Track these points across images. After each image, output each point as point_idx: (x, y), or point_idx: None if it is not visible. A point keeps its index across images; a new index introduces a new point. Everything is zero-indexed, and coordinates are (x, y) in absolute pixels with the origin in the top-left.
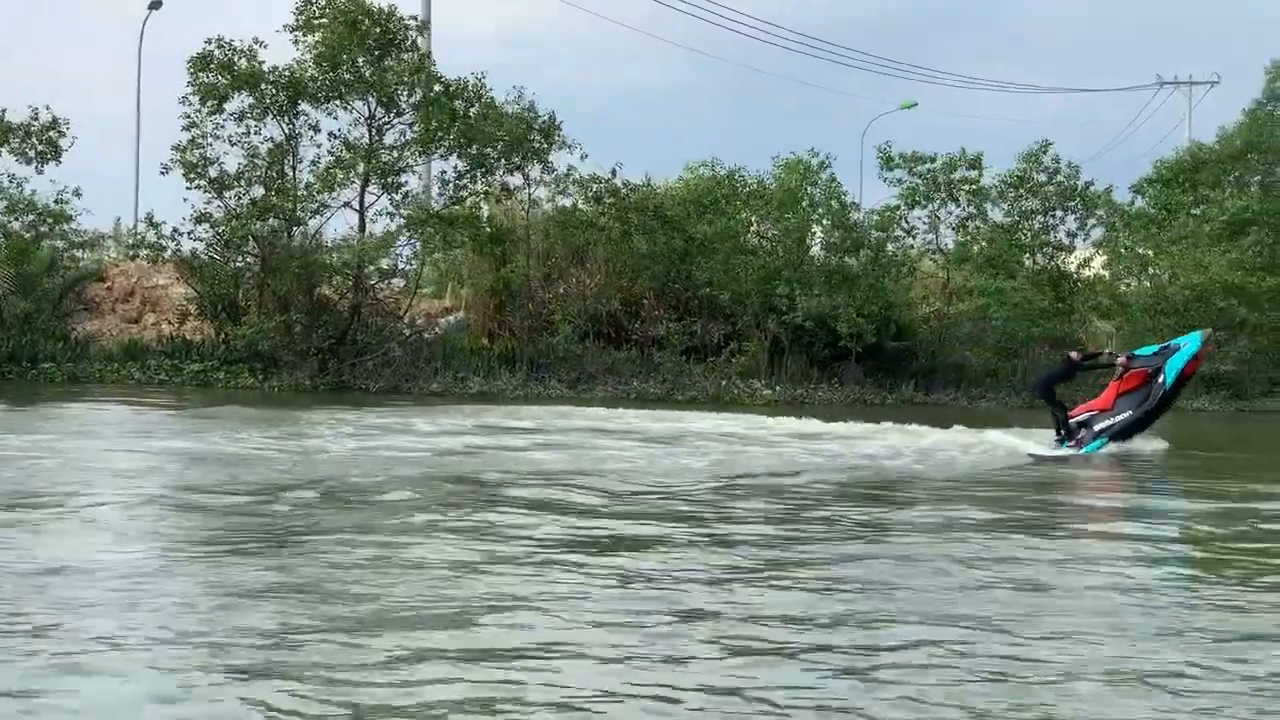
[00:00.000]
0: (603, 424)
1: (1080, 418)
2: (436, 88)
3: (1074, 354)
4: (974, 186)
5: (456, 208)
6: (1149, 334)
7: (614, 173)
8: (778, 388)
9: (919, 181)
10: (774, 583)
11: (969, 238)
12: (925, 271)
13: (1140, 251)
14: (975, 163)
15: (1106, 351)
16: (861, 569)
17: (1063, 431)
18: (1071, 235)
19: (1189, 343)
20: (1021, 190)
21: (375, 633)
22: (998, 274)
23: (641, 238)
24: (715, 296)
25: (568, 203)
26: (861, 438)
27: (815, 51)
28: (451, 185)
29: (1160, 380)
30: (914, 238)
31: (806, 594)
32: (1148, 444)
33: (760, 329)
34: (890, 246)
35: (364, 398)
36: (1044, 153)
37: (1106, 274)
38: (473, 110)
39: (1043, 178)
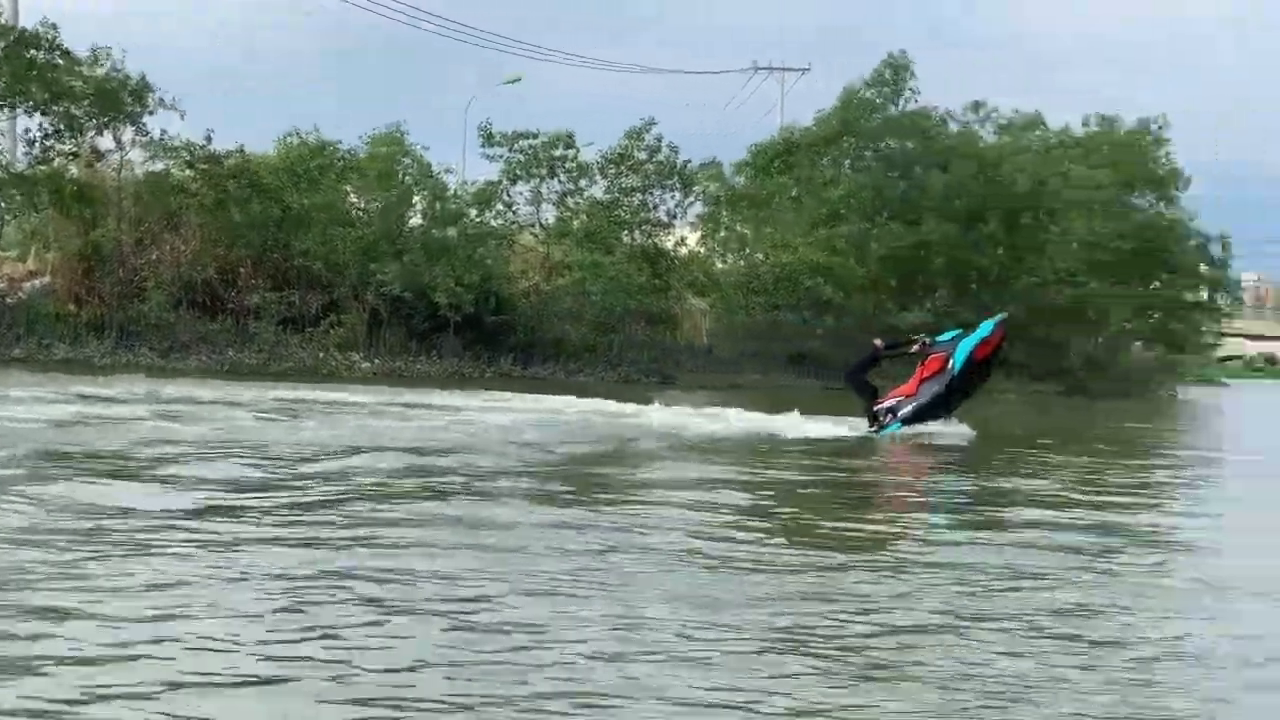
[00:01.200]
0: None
1: (887, 404)
2: (11, 38)
3: (878, 341)
4: (573, 163)
5: (42, 168)
6: (740, 311)
7: (208, 139)
8: (376, 360)
9: (520, 157)
10: None
11: (569, 213)
12: (526, 246)
13: (739, 230)
14: (569, 141)
15: (915, 337)
16: None
17: (870, 417)
18: (670, 214)
19: (983, 327)
20: (622, 167)
21: None
22: (596, 249)
23: (236, 206)
24: (312, 267)
25: (160, 167)
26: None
27: (430, 26)
28: (37, 145)
29: (950, 365)
30: (515, 212)
31: None
32: (948, 428)
33: (359, 301)
34: (491, 219)
35: None
36: (647, 131)
37: (702, 251)
38: (55, 62)
39: (644, 155)
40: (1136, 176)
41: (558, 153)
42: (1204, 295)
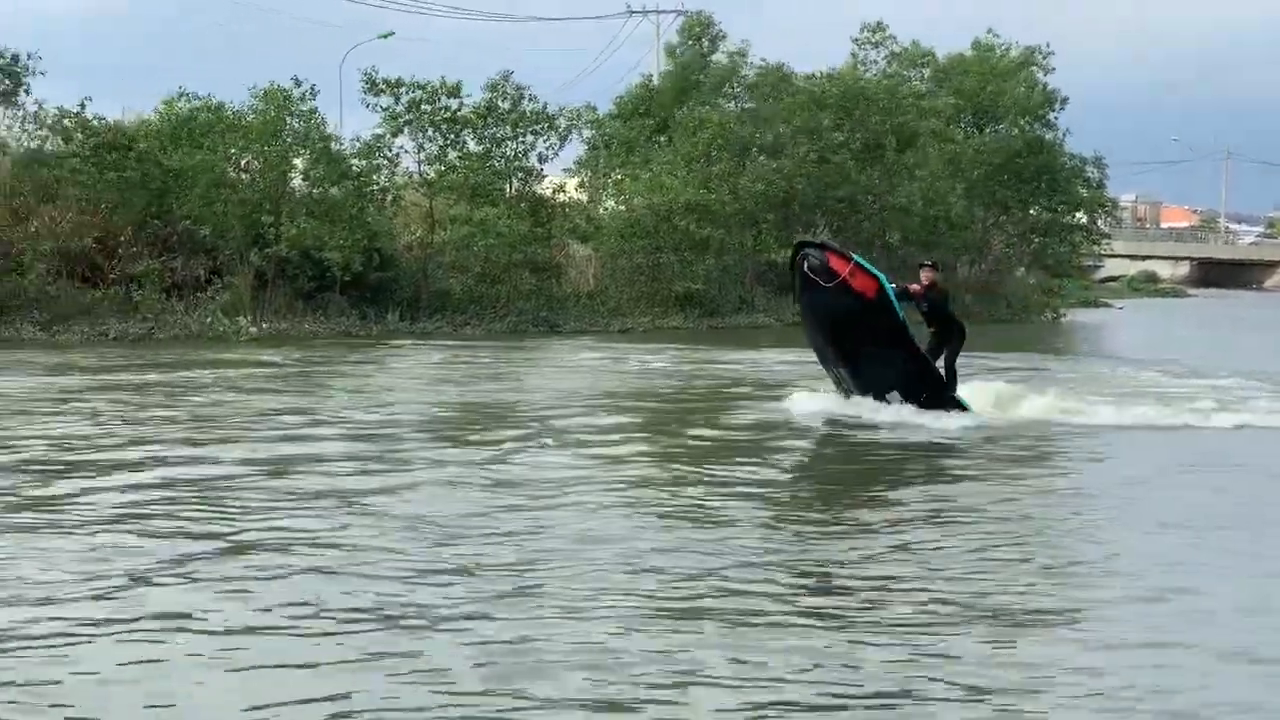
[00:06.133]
0: None
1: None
2: None
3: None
4: (450, 114)
5: None
6: (623, 255)
7: (83, 106)
8: (263, 323)
9: (403, 108)
10: None
11: (448, 167)
12: (410, 201)
13: (615, 177)
14: (454, 90)
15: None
16: None
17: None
18: (542, 159)
19: None
20: (490, 119)
21: None
22: (481, 203)
23: (115, 173)
24: (196, 231)
25: (36, 144)
26: None
27: None
28: None
29: None
30: (396, 166)
31: None
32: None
33: (244, 263)
34: (377, 176)
35: None
36: (505, 82)
37: (583, 198)
38: None
39: (507, 105)
40: (1014, 101)
41: (441, 103)
42: (1082, 217)
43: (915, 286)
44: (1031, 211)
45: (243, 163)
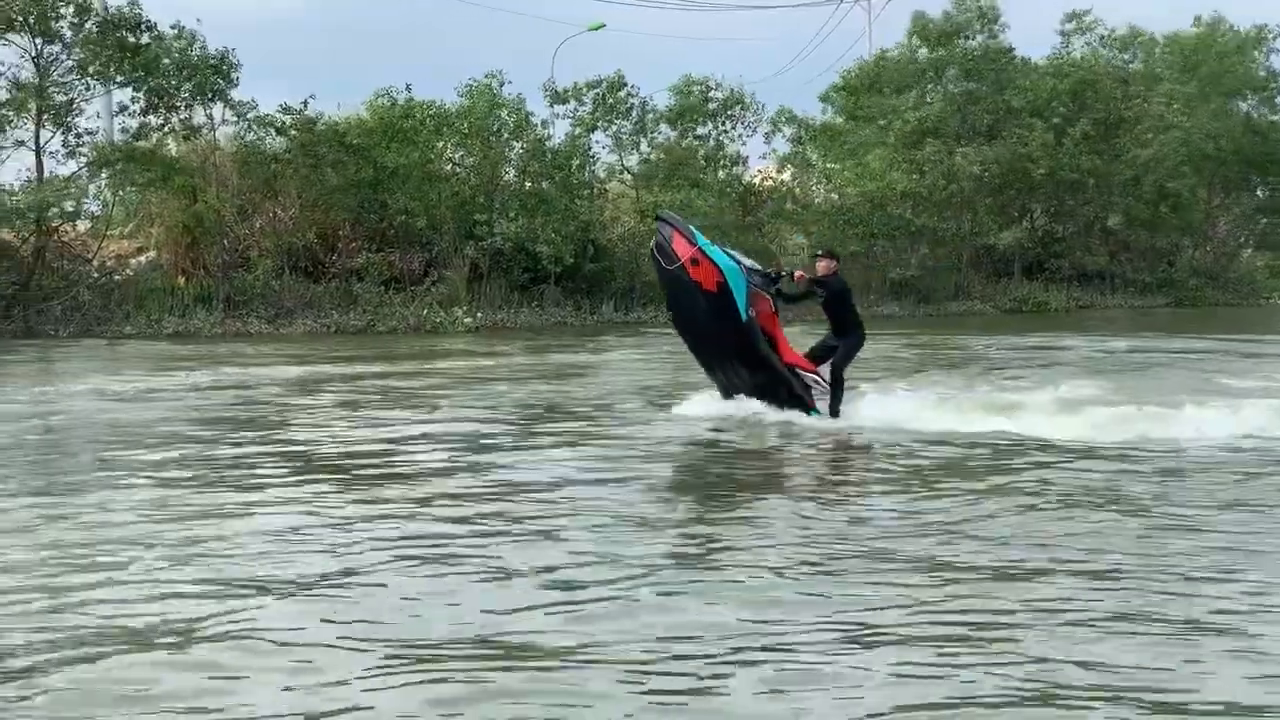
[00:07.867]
0: None
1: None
2: (95, 17)
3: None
4: (627, 105)
5: (141, 143)
6: (837, 244)
7: (305, 104)
8: (479, 314)
9: (589, 107)
10: None
11: (645, 156)
12: (616, 192)
13: (824, 165)
14: (618, 84)
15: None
16: None
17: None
18: (733, 140)
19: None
20: (684, 120)
21: None
22: (683, 185)
23: (331, 169)
24: (412, 225)
25: (253, 137)
26: None
27: None
28: (136, 121)
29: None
30: (596, 161)
31: None
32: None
33: (459, 256)
34: (582, 171)
35: (54, 343)
36: (692, 86)
37: (794, 184)
38: (144, 42)
39: (696, 100)
40: (1237, 80)
41: (621, 94)
42: None
43: (801, 274)
44: (1259, 193)
45: (457, 157)
